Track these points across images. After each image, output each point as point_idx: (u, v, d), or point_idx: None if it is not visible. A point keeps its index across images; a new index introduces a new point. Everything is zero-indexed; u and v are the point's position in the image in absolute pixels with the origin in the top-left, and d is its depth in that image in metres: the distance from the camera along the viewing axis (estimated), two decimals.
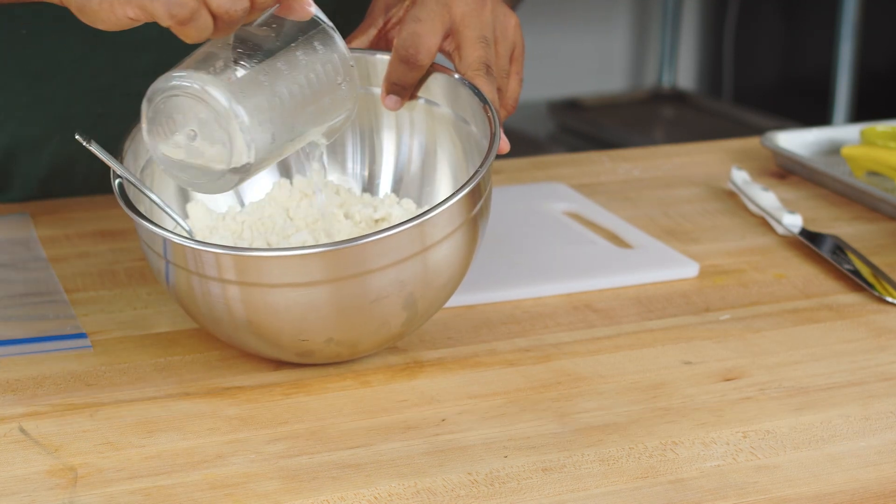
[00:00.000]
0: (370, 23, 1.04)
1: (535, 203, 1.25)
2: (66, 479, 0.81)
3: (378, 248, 0.87)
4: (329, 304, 0.88)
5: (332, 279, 0.87)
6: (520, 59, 1.03)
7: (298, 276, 0.87)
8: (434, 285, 0.91)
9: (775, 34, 3.30)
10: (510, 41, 1.02)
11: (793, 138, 1.40)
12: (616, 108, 3.24)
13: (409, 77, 1.00)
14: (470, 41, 0.99)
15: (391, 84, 1.00)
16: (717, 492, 0.81)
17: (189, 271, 0.88)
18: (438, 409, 0.90)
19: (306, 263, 0.86)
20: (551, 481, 0.82)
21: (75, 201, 1.23)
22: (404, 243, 0.88)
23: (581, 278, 1.09)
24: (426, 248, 0.89)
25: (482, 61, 0.99)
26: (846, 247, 1.17)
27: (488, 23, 1.00)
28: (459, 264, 0.92)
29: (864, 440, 0.88)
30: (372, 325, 0.91)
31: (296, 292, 0.87)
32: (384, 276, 0.88)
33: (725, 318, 1.05)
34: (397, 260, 0.88)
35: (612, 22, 3.38)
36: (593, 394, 0.92)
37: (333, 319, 0.89)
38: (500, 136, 0.94)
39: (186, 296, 0.91)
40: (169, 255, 0.89)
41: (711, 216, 1.25)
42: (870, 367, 0.97)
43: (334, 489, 0.81)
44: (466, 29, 0.99)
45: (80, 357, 0.95)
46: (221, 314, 0.89)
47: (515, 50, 1.02)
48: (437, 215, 0.88)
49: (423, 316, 0.93)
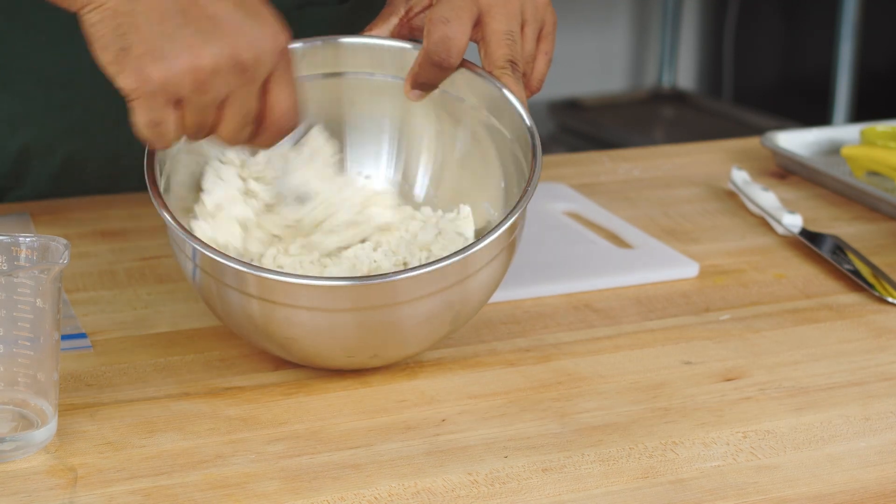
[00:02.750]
0: (391, 11, 1.03)
1: (535, 203, 1.24)
2: (66, 479, 0.81)
3: (409, 284, 0.87)
4: (367, 329, 0.89)
5: (363, 307, 0.87)
6: (549, 36, 1.01)
7: (329, 304, 0.87)
8: (472, 306, 0.92)
9: (775, 34, 3.30)
10: (539, 20, 1.00)
11: (793, 138, 1.40)
12: (616, 108, 3.24)
13: (440, 77, 0.99)
14: (496, 36, 0.98)
15: (419, 83, 1.00)
16: (717, 492, 0.81)
17: (249, 295, 0.88)
18: (438, 409, 0.90)
19: (335, 294, 0.87)
20: (551, 481, 0.82)
21: (75, 201, 1.23)
22: (436, 279, 0.88)
23: (581, 278, 1.09)
24: (464, 278, 0.89)
25: (507, 58, 0.98)
26: (846, 247, 1.17)
27: (515, 12, 0.98)
28: (494, 284, 0.93)
29: (864, 440, 0.88)
30: (413, 343, 0.92)
31: (328, 317, 0.87)
32: (424, 304, 0.88)
33: (725, 318, 1.05)
34: (438, 290, 0.88)
35: (612, 22, 3.38)
36: (593, 394, 0.92)
37: (373, 340, 0.90)
38: (540, 161, 0.94)
39: (223, 308, 0.91)
40: (199, 263, 0.89)
41: (711, 216, 1.25)
42: (870, 367, 0.97)
43: (334, 489, 0.81)
44: (493, 21, 0.97)
45: (80, 357, 0.95)
46: (259, 328, 0.90)
47: (545, 28, 1.01)
48: (479, 250, 0.88)
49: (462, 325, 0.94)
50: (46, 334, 0.82)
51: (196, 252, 0.89)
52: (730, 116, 3.15)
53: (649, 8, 3.40)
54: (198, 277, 0.90)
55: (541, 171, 0.94)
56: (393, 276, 0.86)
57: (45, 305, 0.82)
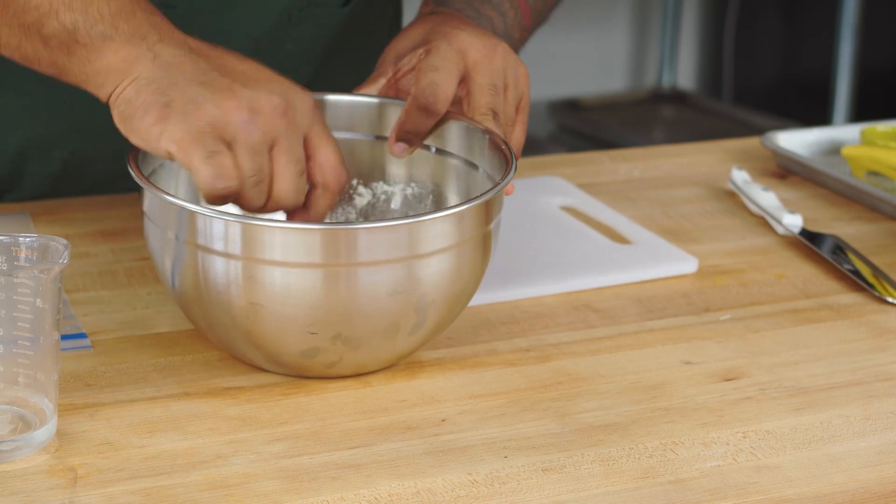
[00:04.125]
0: (380, 73, 1.05)
1: (531, 198, 1.25)
2: (66, 479, 0.81)
3: (371, 237, 0.87)
4: (337, 290, 0.88)
5: (330, 263, 0.87)
6: (525, 109, 1.04)
7: (302, 255, 0.87)
8: (448, 292, 0.91)
9: (775, 34, 3.30)
10: (519, 91, 1.03)
11: (793, 138, 1.40)
12: (616, 108, 3.24)
13: (425, 125, 1.01)
14: (480, 88, 1.00)
15: (405, 132, 1.01)
16: (717, 492, 0.81)
17: (198, 246, 0.88)
18: (438, 409, 0.90)
19: (308, 240, 0.87)
20: (551, 481, 0.82)
21: (75, 201, 1.23)
22: (399, 240, 0.88)
23: (580, 276, 1.09)
24: (416, 256, 0.89)
25: (490, 107, 1.00)
26: (846, 247, 1.17)
27: (499, 70, 1.01)
28: (474, 272, 0.93)
29: (864, 440, 0.88)
30: (380, 326, 0.90)
31: (302, 273, 0.87)
32: (393, 270, 0.88)
33: (725, 318, 1.05)
34: (408, 255, 0.88)
35: (612, 22, 3.38)
36: (593, 394, 0.93)
37: (341, 311, 0.89)
38: (515, 164, 0.95)
39: (192, 290, 0.91)
40: (182, 231, 0.89)
41: (711, 216, 1.25)
42: (870, 367, 0.97)
43: (334, 489, 0.81)
44: (478, 76, 1.00)
45: (80, 357, 0.95)
46: (227, 304, 0.89)
47: (522, 100, 1.04)
48: (428, 221, 0.89)
49: (434, 321, 0.93)
50: (46, 334, 0.82)
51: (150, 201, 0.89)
52: (730, 116, 3.15)
53: (649, 8, 3.40)
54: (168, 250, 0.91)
55: (515, 172, 0.94)
56: (352, 224, 0.87)
57: (45, 305, 0.82)
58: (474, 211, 0.90)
